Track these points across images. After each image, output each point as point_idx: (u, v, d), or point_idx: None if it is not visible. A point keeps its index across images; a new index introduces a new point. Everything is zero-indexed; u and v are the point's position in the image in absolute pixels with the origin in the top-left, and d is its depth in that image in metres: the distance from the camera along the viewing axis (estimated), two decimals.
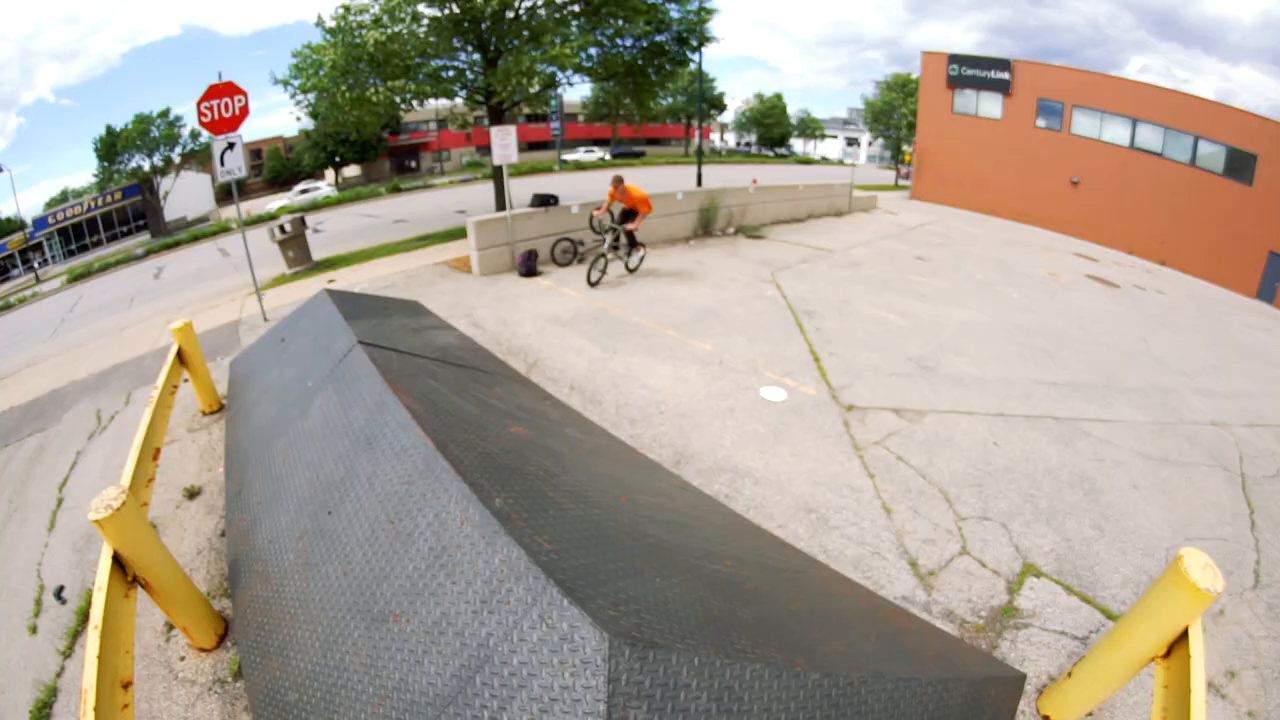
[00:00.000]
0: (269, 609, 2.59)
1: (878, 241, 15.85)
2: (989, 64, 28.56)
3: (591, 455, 3.46)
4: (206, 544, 3.90)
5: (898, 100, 43.94)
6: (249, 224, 20.92)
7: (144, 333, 9.98)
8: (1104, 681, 2.61)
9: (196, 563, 3.72)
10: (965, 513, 4.49)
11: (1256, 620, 3.84)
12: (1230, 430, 6.88)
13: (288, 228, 12.15)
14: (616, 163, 43.20)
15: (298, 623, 2.38)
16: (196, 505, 4.34)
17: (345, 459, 2.70)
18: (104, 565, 2.38)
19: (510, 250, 10.64)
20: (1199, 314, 14.82)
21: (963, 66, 29.21)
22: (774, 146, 65.42)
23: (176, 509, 4.32)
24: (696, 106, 32.89)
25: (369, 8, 12.62)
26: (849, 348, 7.65)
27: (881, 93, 46.31)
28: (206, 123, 8.02)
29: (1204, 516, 4.95)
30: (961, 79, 29.22)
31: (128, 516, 2.39)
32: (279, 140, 46.49)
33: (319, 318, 4.57)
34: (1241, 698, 3.23)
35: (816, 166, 51.48)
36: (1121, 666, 2.51)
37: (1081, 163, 26.16)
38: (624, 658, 1.43)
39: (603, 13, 13.65)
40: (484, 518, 1.85)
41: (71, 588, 3.79)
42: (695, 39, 15.66)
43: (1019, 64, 27.88)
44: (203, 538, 3.96)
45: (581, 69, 14.62)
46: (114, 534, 2.39)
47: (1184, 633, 2.28)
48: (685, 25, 15.23)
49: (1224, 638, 3.63)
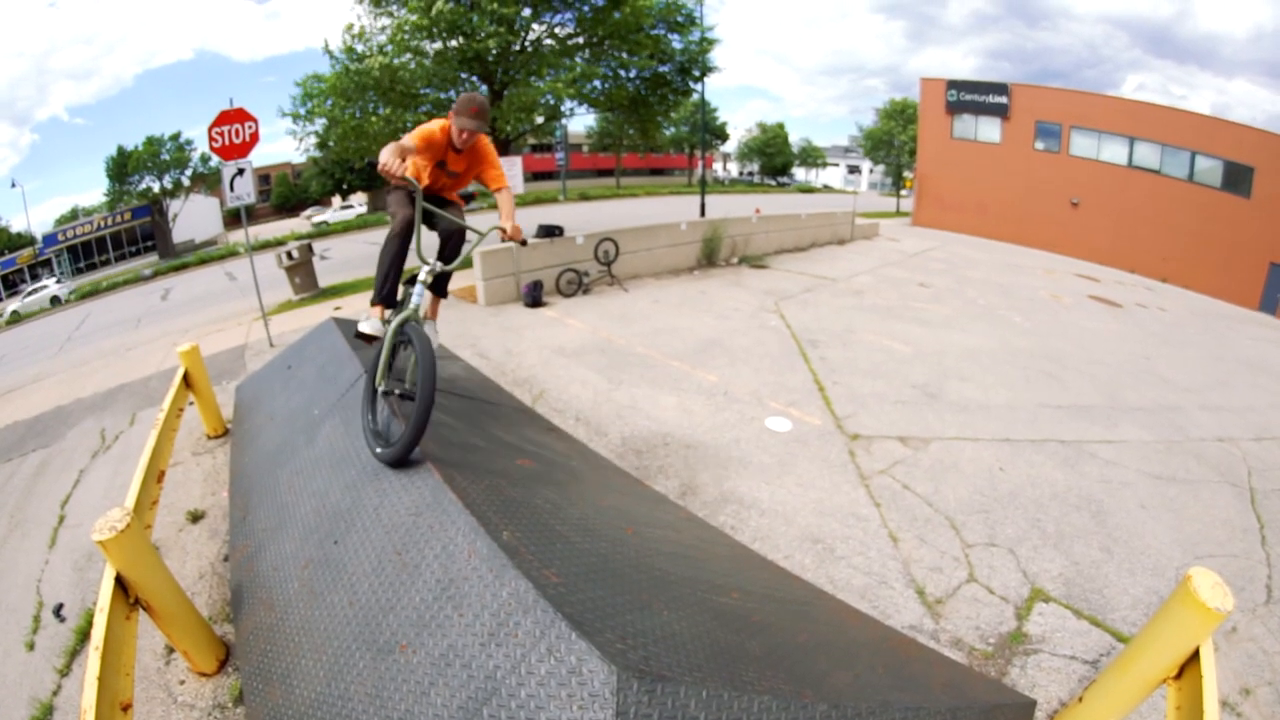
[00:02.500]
0: (272, 636, 2.58)
1: (880, 269, 15.93)
2: (987, 88, 28.87)
3: (598, 487, 3.46)
4: (209, 568, 3.89)
5: (896, 128, 44.21)
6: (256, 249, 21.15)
7: (150, 353, 10.06)
8: (1115, 705, 2.58)
9: (199, 587, 3.71)
10: (972, 539, 4.47)
11: (1270, 636, 3.81)
12: (1237, 445, 6.86)
13: (295, 254, 12.29)
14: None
15: (302, 651, 2.37)
16: (200, 529, 4.34)
17: (352, 489, 2.70)
18: (106, 586, 2.39)
19: (516, 280, 10.73)
20: (1202, 329, 14.80)
21: (961, 92, 29.54)
22: (776, 175, 66.30)
23: (179, 532, 4.32)
24: (700, 136, 33.21)
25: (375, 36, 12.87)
26: (853, 376, 7.66)
27: (880, 120, 46.58)
28: (217, 148, 8.13)
29: (1213, 534, 4.92)
30: (960, 104, 29.55)
31: (131, 538, 2.40)
32: (287, 166, 47.14)
33: (325, 346, 4.60)
34: (1257, 715, 3.20)
35: (818, 195, 51.93)
36: (1133, 689, 2.49)
37: (1081, 183, 26.35)
38: (632, 691, 1.43)
39: (606, 45, 13.86)
40: (491, 550, 1.86)
41: (71, 606, 3.78)
42: (698, 69, 15.92)
43: (1016, 87, 28.19)
44: (205, 562, 3.96)
45: (586, 99, 14.81)
46: (117, 555, 2.39)
47: (1195, 653, 2.26)
48: (688, 56, 15.49)
49: (1237, 655, 3.60)
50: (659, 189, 50.15)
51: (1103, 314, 14.33)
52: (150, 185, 36.96)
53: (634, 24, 13.16)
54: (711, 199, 25.30)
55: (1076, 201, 26.59)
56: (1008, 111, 28.17)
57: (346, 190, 45.99)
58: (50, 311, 24.17)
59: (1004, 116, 28.34)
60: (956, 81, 29.72)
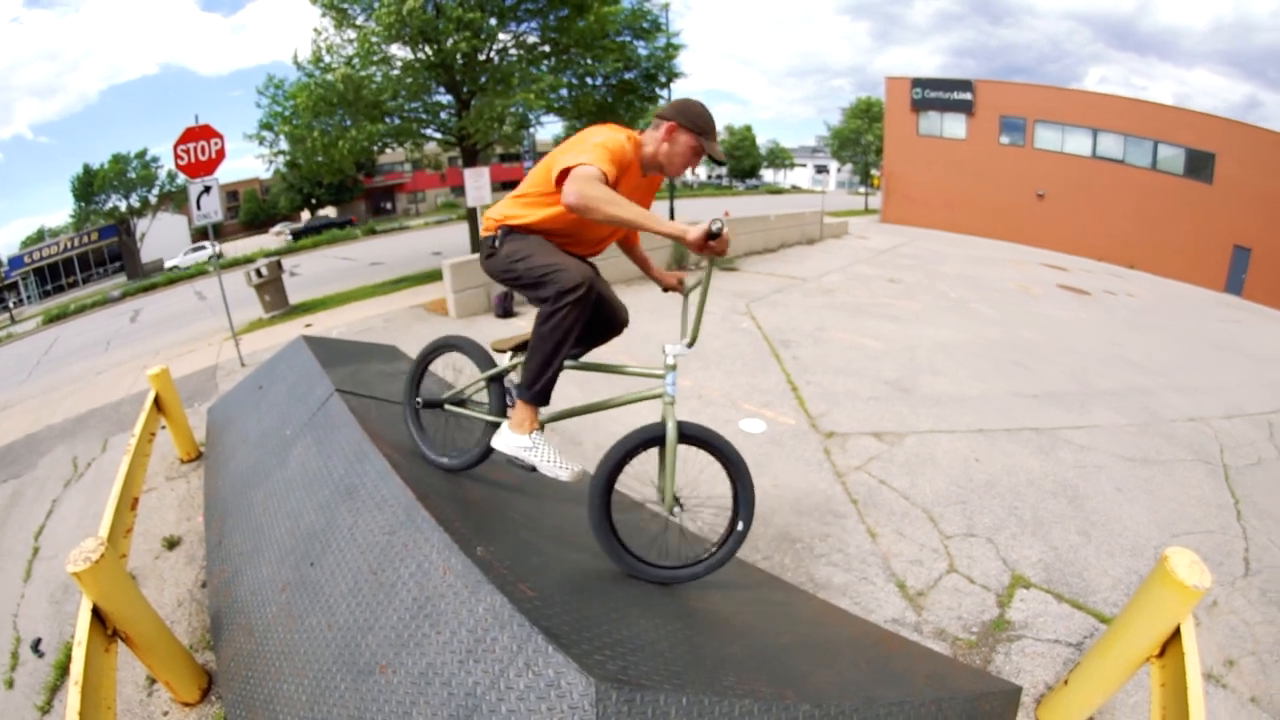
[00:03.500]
0: (253, 662, 2.54)
1: (850, 267, 16.09)
2: (951, 85, 29.35)
3: (573, 497, 3.44)
4: (187, 595, 3.81)
5: (863, 127, 44.76)
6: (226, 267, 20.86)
7: (121, 377, 9.86)
8: (1101, 686, 2.62)
9: (178, 615, 3.64)
10: (950, 531, 4.51)
11: (1251, 607, 3.90)
12: (1209, 424, 7.01)
13: (264, 271, 12.13)
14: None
15: (283, 676, 2.34)
16: (176, 556, 4.25)
17: (326, 509, 2.67)
18: (83, 618, 2.33)
19: (486, 292, 10.68)
20: (1170, 313, 15.16)
21: (926, 89, 30.01)
22: (745, 178, 66.60)
23: (156, 559, 4.23)
24: None
25: (343, 48, 12.76)
26: (826, 375, 7.71)
27: (846, 120, 47.13)
28: (183, 166, 8.00)
29: (1189, 511, 5.03)
30: (925, 102, 30.01)
31: (107, 568, 2.35)
32: (255, 182, 46.51)
33: (296, 365, 4.54)
34: (1242, 685, 3.27)
35: (787, 196, 52.28)
36: (1117, 670, 2.53)
37: (1046, 176, 26.90)
38: (611, 701, 1.42)
39: (572, 53, 13.88)
40: (466, 567, 1.84)
41: (49, 640, 3.69)
42: (664, 75, 15.99)
43: (981, 84, 28.68)
44: (183, 589, 3.88)
45: (553, 109, 14.80)
46: (93, 586, 2.35)
47: (1176, 631, 2.30)
48: (654, 62, 15.56)
49: (1220, 628, 3.67)
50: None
51: (1071, 302, 14.61)
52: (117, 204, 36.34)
53: (599, 31, 13.20)
54: (681, 203, 25.36)
55: (1042, 193, 27.11)
56: (972, 107, 28.66)
57: (316, 205, 45.52)
58: (17, 337, 23.62)
59: (969, 112, 28.83)
60: (921, 79, 30.17)
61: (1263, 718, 3.08)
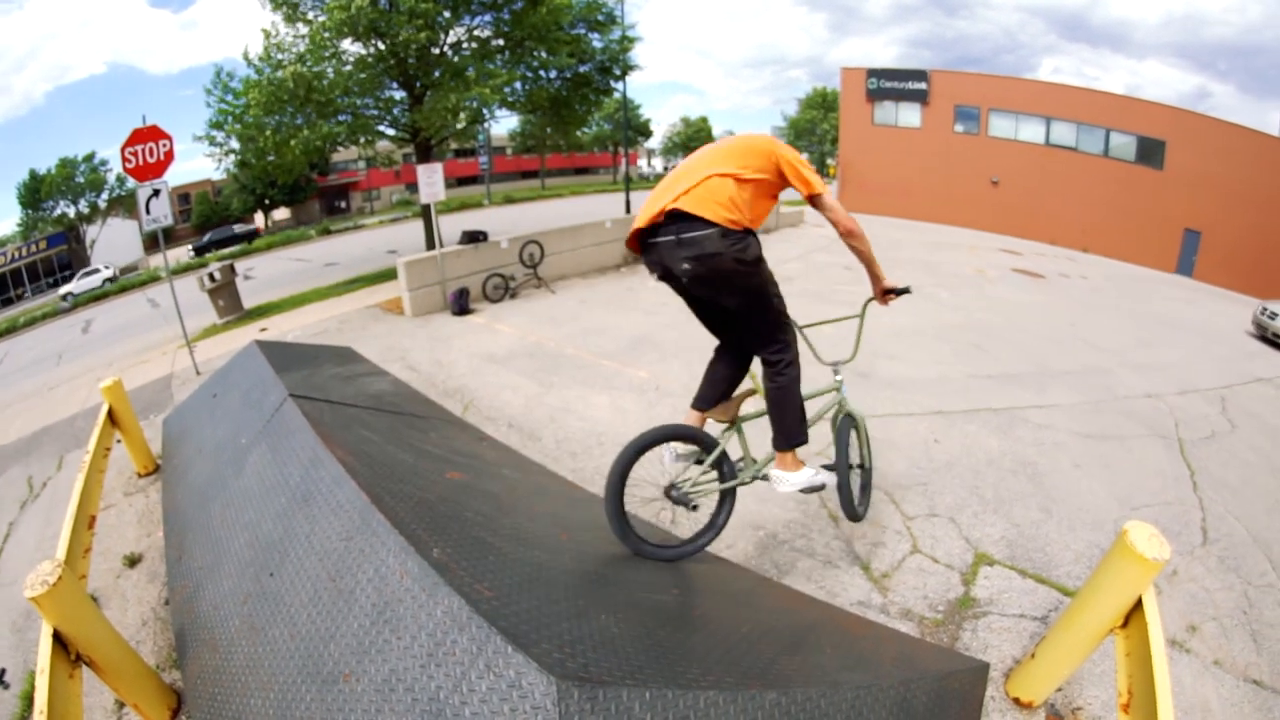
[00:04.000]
0: (219, 678, 2.48)
1: (807, 255, 16.18)
2: (906, 75, 29.73)
3: (531, 494, 3.43)
4: (151, 614, 3.72)
5: (818, 117, 45.28)
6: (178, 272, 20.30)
7: (74, 391, 9.54)
8: (1067, 658, 2.68)
9: (143, 634, 3.54)
10: (912, 512, 4.56)
11: (1210, 574, 4.03)
12: (1164, 400, 7.22)
13: (217, 276, 11.80)
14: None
15: (250, 690, 2.29)
16: (138, 573, 4.14)
17: (283, 517, 2.62)
18: (45, 645, 2.26)
19: (442, 289, 10.57)
20: (1123, 294, 15.59)
21: (881, 79, 30.35)
22: None
23: (118, 579, 4.11)
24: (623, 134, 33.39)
25: (293, 45, 12.46)
26: None
27: (802, 110, 47.66)
28: (131, 169, 7.74)
29: (1148, 484, 5.17)
30: (881, 91, 30.36)
31: (65, 591, 2.28)
32: (207, 184, 45.25)
33: (250, 371, 4.44)
34: (1205, 649, 3.38)
35: None
36: (1082, 642, 2.58)
37: (1000, 163, 27.45)
38: (574, 700, 1.41)
39: (526, 46, 13.75)
40: (423, 569, 1.81)
41: (14, 670, 3.56)
42: (618, 68, 15.94)
43: (936, 74, 29.11)
44: (147, 607, 3.78)
45: (507, 103, 14.66)
46: (52, 611, 2.28)
47: (1138, 602, 2.35)
48: (608, 55, 15.51)
49: (1181, 596, 3.79)
50: (584, 188, 49.94)
51: (1027, 285, 14.93)
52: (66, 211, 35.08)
53: (552, 22, 13.12)
54: (637, 195, 25.33)
55: (996, 180, 27.66)
56: (927, 97, 29.07)
57: (269, 206, 44.47)
58: None
59: (924, 102, 29.24)
60: (877, 70, 30.50)
61: (1226, 679, 3.19)
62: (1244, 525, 4.71)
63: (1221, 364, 9.52)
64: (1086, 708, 2.94)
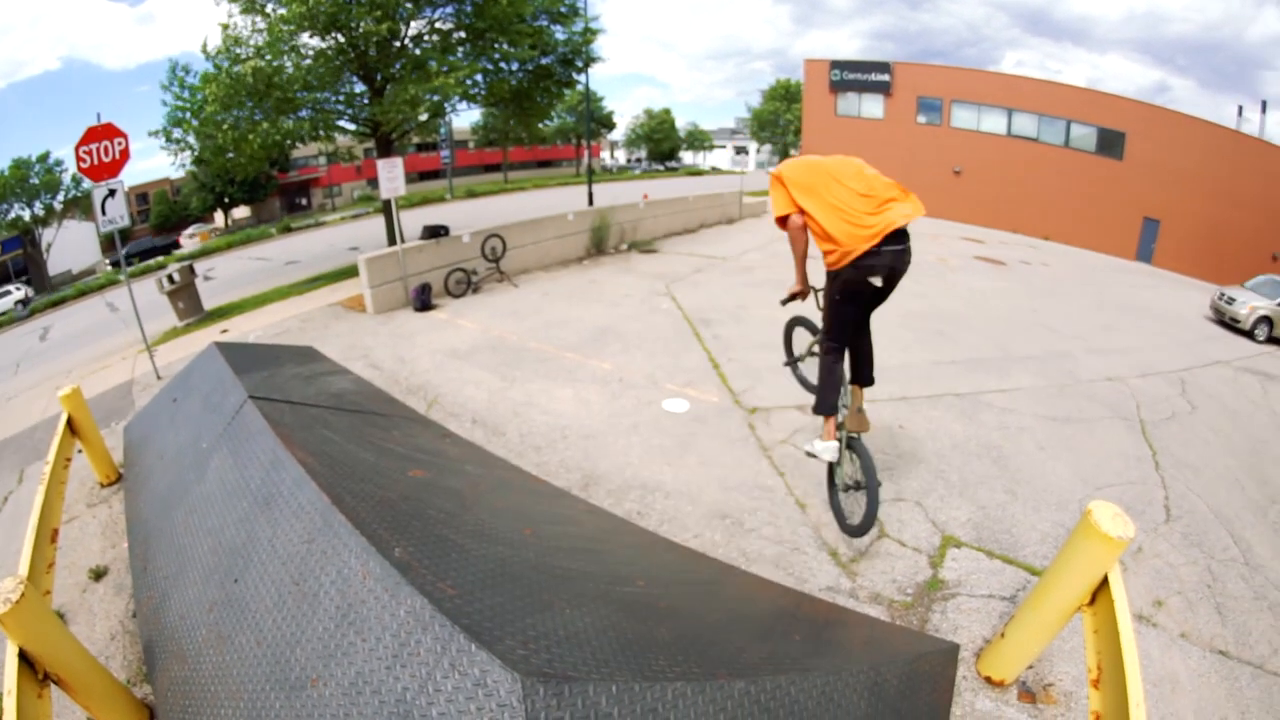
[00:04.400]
0: (188, 689, 2.44)
1: (769, 245, 16.22)
2: (870, 67, 30.03)
3: (494, 490, 3.41)
4: (119, 627, 3.63)
5: (781, 108, 45.58)
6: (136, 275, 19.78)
7: (33, 401, 9.22)
8: (1036, 636, 2.73)
9: (112, 649, 3.47)
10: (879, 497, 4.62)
11: (1174, 550, 4.16)
12: (1125, 383, 7.40)
13: (176, 277, 11.48)
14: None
15: (219, 700, 2.25)
16: (104, 586, 4.04)
17: (245, 522, 2.57)
18: (10, 665, 2.20)
19: (404, 285, 10.44)
20: (1084, 281, 15.92)
21: (844, 71, 30.62)
22: (664, 160, 66.90)
23: (84, 593, 4.01)
24: (585, 126, 33.20)
25: (251, 39, 12.18)
26: (747, 351, 7.76)
27: (765, 101, 47.95)
28: (86, 169, 7.49)
29: (1111, 465, 5.29)
30: (844, 83, 30.63)
31: (29, 608, 2.21)
32: (166, 183, 44.06)
33: (209, 373, 4.34)
34: (1172, 623, 3.48)
35: (707, 177, 52.46)
36: (1050, 620, 2.63)
37: (962, 153, 27.88)
38: (539, 696, 1.41)
39: (488, 38, 13.60)
40: (385, 569, 1.79)
41: None
42: (581, 60, 15.79)
43: (899, 66, 29.44)
44: (115, 621, 3.69)
45: (468, 95, 14.48)
46: (16, 630, 2.21)
47: (1105, 580, 2.39)
48: (571, 47, 15.34)
49: (1146, 572, 3.90)
50: (547, 181, 49.52)
51: (989, 273, 15.17)
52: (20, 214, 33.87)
53: (514, 14, 13.00)
54: (600, 187, 25.20)
55: (959, 170, 28.10)
56: (890, 88, 29.41)
57: (229, 204, 43.46)
58: None
59: (887, 93, 29.57)
60: (840, 62, 30.76)
61: (1193, 651, 3.30)
62: (1205, 502, 4.87)
63: (1181, 348, 9.80)
64: (1058, 684, 3.01)
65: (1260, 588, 3.91)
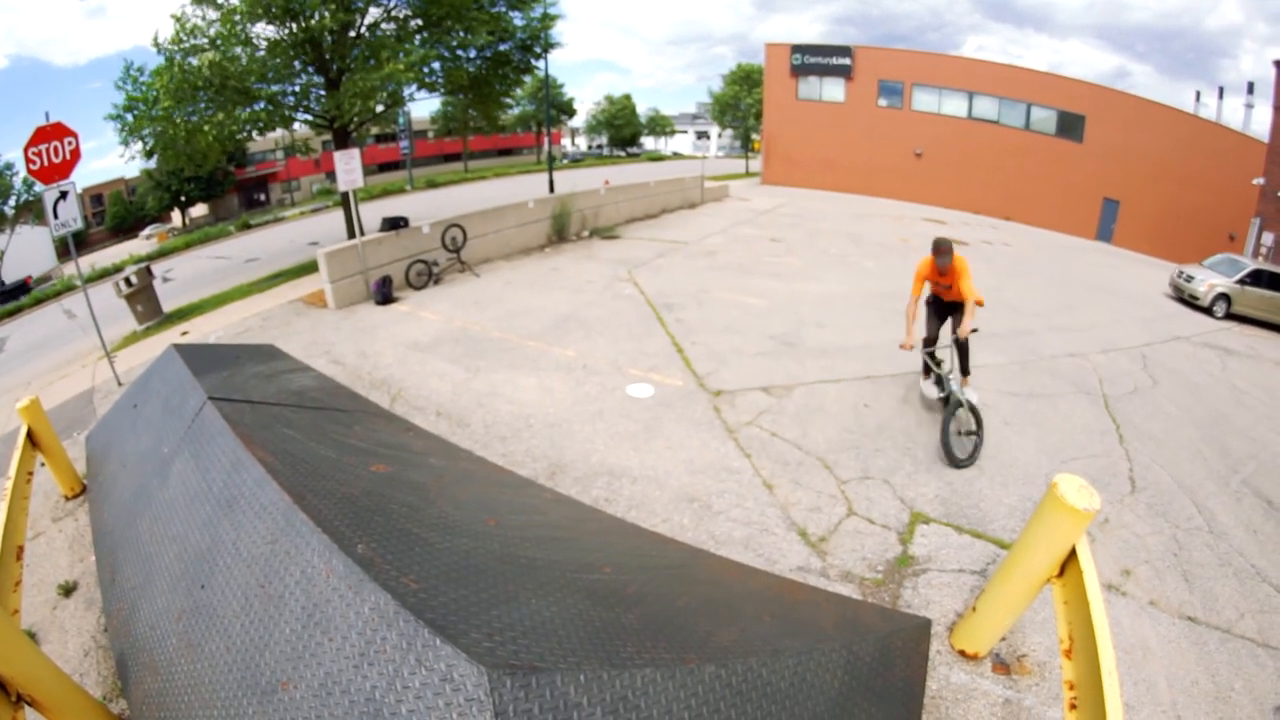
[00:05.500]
0: (162, 701, 2.39)
1: (732, 229, 16.31)
2: (831, 51, 30.16)
3: (459, 482, 3.39)
4: (92, 642, 3.55)
5: (742, 92, 45.64)
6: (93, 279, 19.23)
7: None
8: (1008, 609, 2.79)
9: (86, 665, 3.40)
10: (846, 476, 4.68)
11: (1140, 520, 4.27)
12: (1087, 359, 7.57)
13: (134, 280, 11.14)
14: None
15: (193, 710, 2.22)
16: (74, 602, 3.94)
17: (209, 526, 2.53)
18: None
19: (364, 279, 10.28)
20: (1046, 260, 16.23)
21: (805, 55, 30.70)
22: (625, 146, 66.72)
23: (54, 610, 3.91)
24: (545, 113, 32.87)
25: (204, 30, 11.87)
26: (711, 335, 7.82)
27: (726, 85, 47.99)
28: (35, 170, 7.23)
29: (1075, 439, 5.42)
30: (805, 67, 30.73)
31: None
32: (120, 183, 42.75)
33: (169, 377, 4.23)
34: (1140, 591, 3.58)
35: (668, 162, 52.55)
36: (1020, 593, 2.69)
37: (923, 135, 28.20)
38: (506, 688, 1.41)
39: (444, 25, 13.42)
40: (348, 567, 1.77)
41: None
42: (540, 46, 15.64)
43: (860, 50, 29.60)
44: (87, 636, 3.61)
45: (424, 83, 14.28)
46: None
47: (1073, 551, 2.44)
48: (529, 33, 15.19)
49: (1114, 542, 4.00)
50: (508, 169, 49.14)
51: None
52: None
53: (471, 1, 12.84)
54: (561, 174, 25.05)
55: (920, 152, 28.42)
56: (851, 72, 29.59)
57: (186, 202, 42.34)
58: None
59: (848, 77, 29.75)
60: (801, 45, 30.83)
61: (1162, 618, 3.40)
62: (1169, 473, 5.01)
63: (1142, 324, 10.06)
64: (1030, 654, 3.09)
65: (1225, 554, 4.04)
